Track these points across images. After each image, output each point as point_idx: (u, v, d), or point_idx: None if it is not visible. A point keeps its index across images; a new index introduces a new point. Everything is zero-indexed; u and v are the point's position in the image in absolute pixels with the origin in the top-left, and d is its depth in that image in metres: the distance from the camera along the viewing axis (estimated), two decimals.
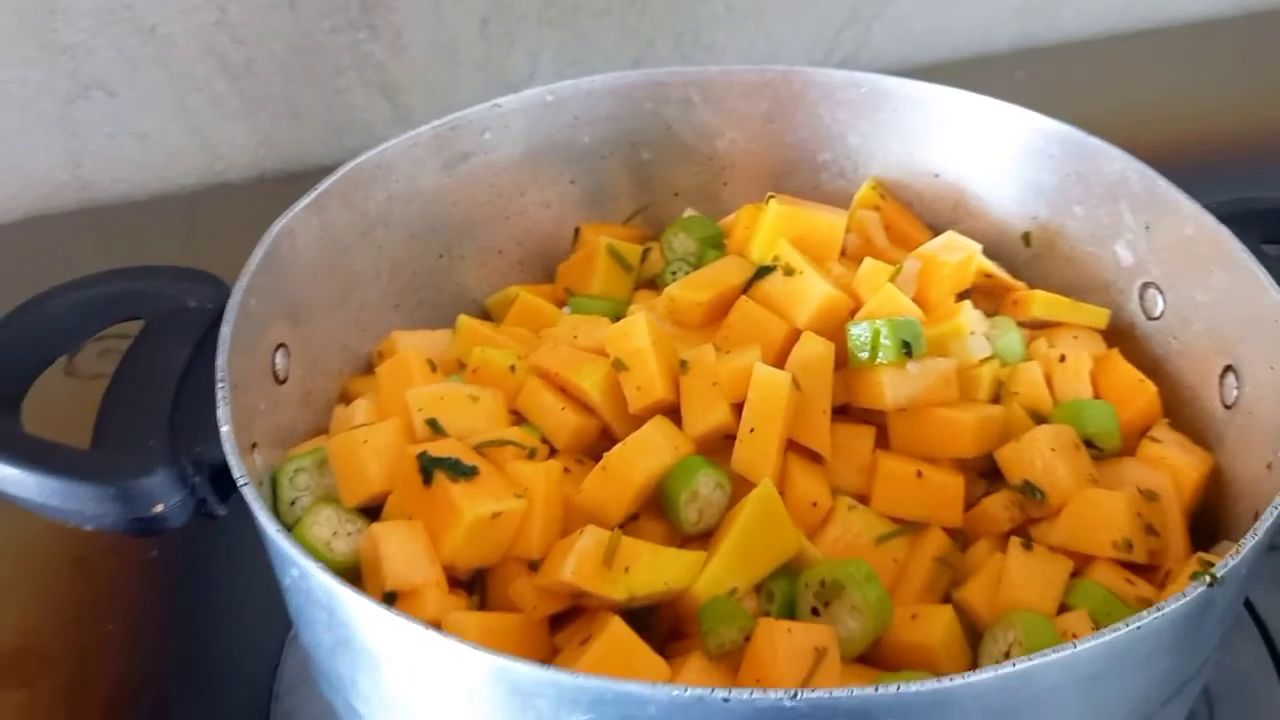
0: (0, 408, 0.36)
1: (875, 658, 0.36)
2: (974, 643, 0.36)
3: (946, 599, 0.38)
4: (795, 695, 0.26)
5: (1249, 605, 0.47)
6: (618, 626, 0.33)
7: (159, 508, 0.34)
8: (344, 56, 0.70)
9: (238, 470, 0.31)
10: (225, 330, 0.36)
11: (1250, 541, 0.30)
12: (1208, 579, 0.29)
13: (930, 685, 0.26)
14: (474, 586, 0.37)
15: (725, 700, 0.26)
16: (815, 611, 0.36)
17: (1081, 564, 0.37)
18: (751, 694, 0.26)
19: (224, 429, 0.32)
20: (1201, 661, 0.35)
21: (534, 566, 0.36)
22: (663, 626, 0.36)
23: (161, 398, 0.37)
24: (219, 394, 0.34)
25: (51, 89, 0.66)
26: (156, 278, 0.41)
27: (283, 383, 0.41)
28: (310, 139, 0.72)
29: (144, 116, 0.69)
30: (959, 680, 0.26)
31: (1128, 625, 0.27)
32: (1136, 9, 0.85)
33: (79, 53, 0.66)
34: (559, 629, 0.36)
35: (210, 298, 0.40)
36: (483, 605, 0.37)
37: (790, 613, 0.36)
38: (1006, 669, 0.26)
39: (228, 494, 0.36)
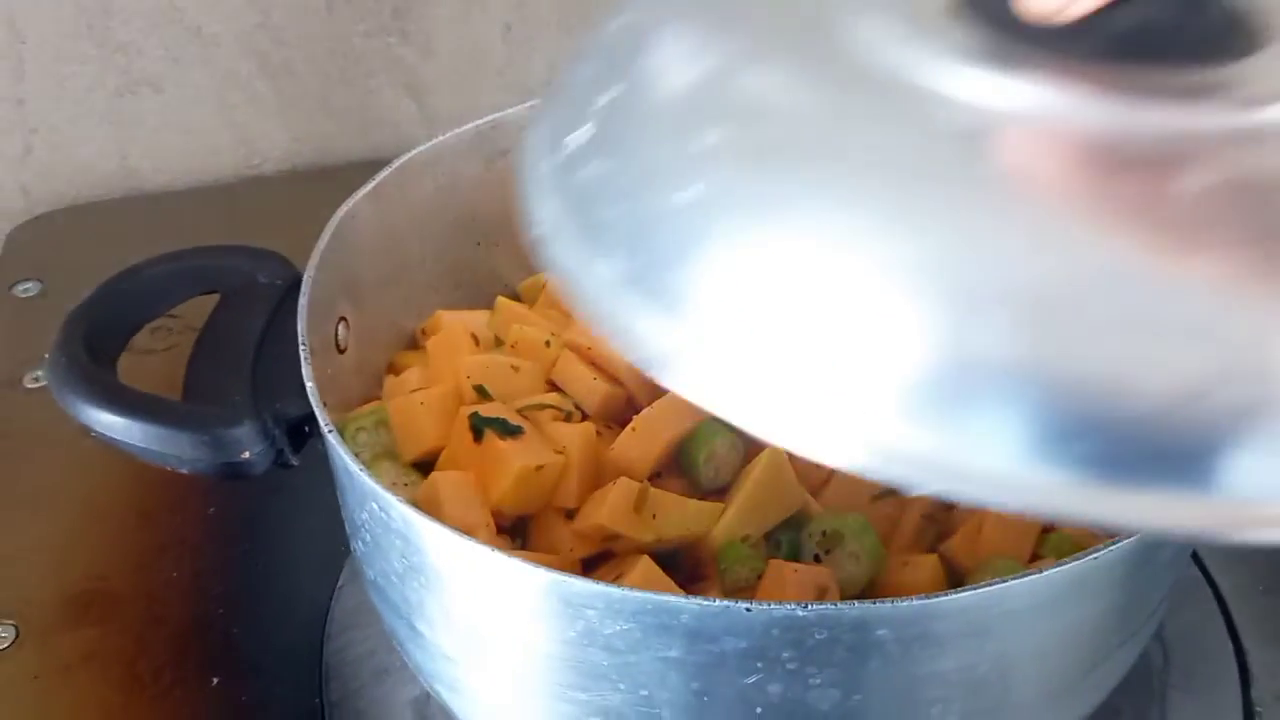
0: (103, 365, 0.41)
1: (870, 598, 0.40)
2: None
3: (933, 551, 0.43)
4: (806, 606, 0.31)
5: (1204, 571, 0.52)
6: (647, 563, 0.38)
7: (246, 455, 0.39)
8: (376, 59, 0.75)
9: (324, 420, 0.36)
10: (303, 300, 0.41)
11: None
12: None
13: (920, 600, 0.31)
14: (515, 534, 0.42)
15: (748, 610, 0.31)
16: (817, 558, 0.41)
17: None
18: (769, 605, 0.31)
19: (309, 385, 0.37)
20: (1153, 606, 0.40)
21: (570, 515, 0.41)
22: (684, 569, 0.41)
23: (242, 360, 0.42)
24: (302, 355, 0.38)
25: (104, 84, 0.71)
26: (231, 255, 0.46)
27: (343, 352, 0.45)
28: (342, 136, 0.77)
29: (188, 112, 0.74)
30: (944, 597, 0.31)
31: (1086, 555, 0.32)
32: None
33: (130, 51, 0.71)
34: (590, 572, 0.41)
35: (279, 274, 0.45)
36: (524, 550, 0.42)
37: (796, 559, 0.41)
38: (984, 588, 0.31)
39: (300, 446, 0.41)
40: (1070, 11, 0.29)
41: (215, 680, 0.47)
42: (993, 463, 0.25)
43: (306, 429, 0.41)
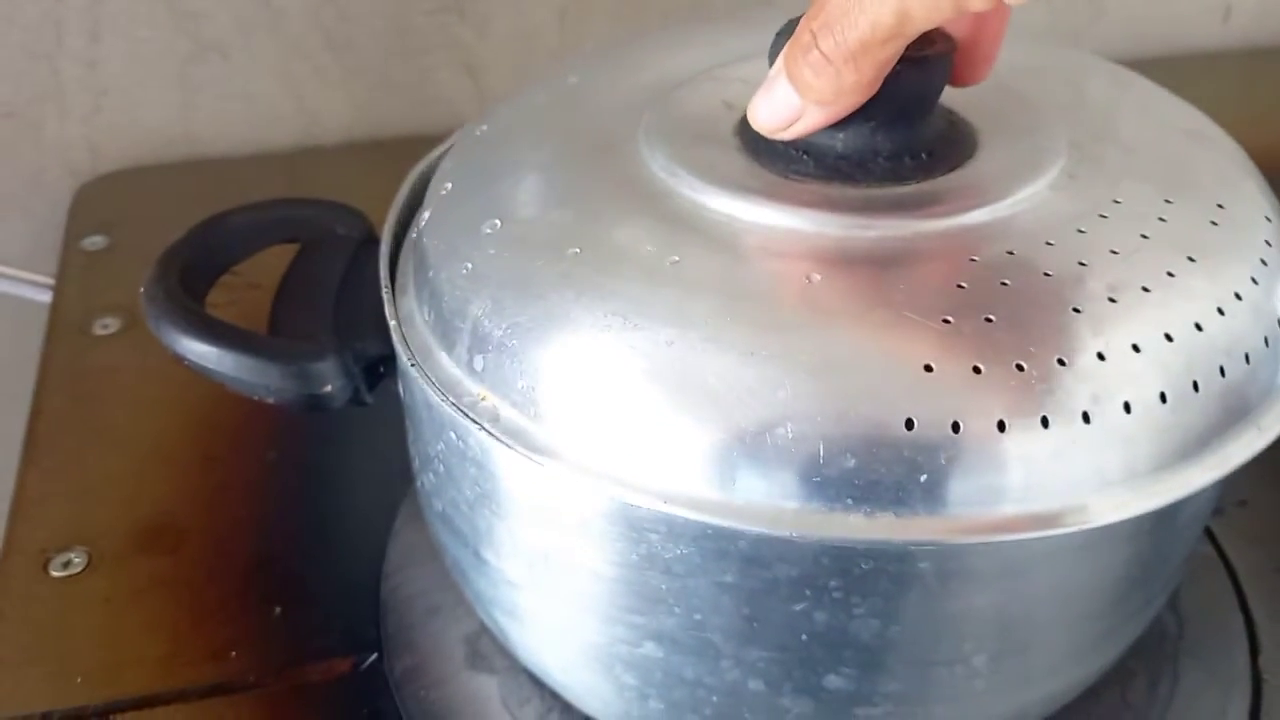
0: (195, 301, 0.44)
1: None
2: None
3: None
4: (855, 538, 0.33)
5: (1219, 550, 0.54)
6: None
7: (328, 388, 0.42)
8: (436, 37, 0.78)
9: (406, 355, 0.39)
10: (384, 248, 0.43)
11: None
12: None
13: (963, 539, 0.33)
14: None
15: (799, 537, 0.33)
16: None
17: None
18: (820, 534, 0.33)
19: (392, 323, 0.40)
20: (1172, 567, 0.42)
21: None
22: None
23: (323, 303, 0.44)
24: (385, 297, 0.41)
25: (174, 50, 0.74)
26: (312, 208, 0.48)
27: None
28: (398, 110, 0.80)
29: (252, 80, 0.76)
30: (984, 538, 0.33)
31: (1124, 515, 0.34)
32: (1152, 40, 0.93)
33: (202, 18, 0.73)
34: None
35: (356, 227, 0.48)
36: None
37: None
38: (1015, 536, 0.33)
39: (374, 385, 0.44)
40: (791, 132, 0.37)
41: (278, 610, 0.50)
42: (765, 505, 0.33)
43: (381, 369, 0.43)
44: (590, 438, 0.34)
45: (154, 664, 0.48)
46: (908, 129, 0.38)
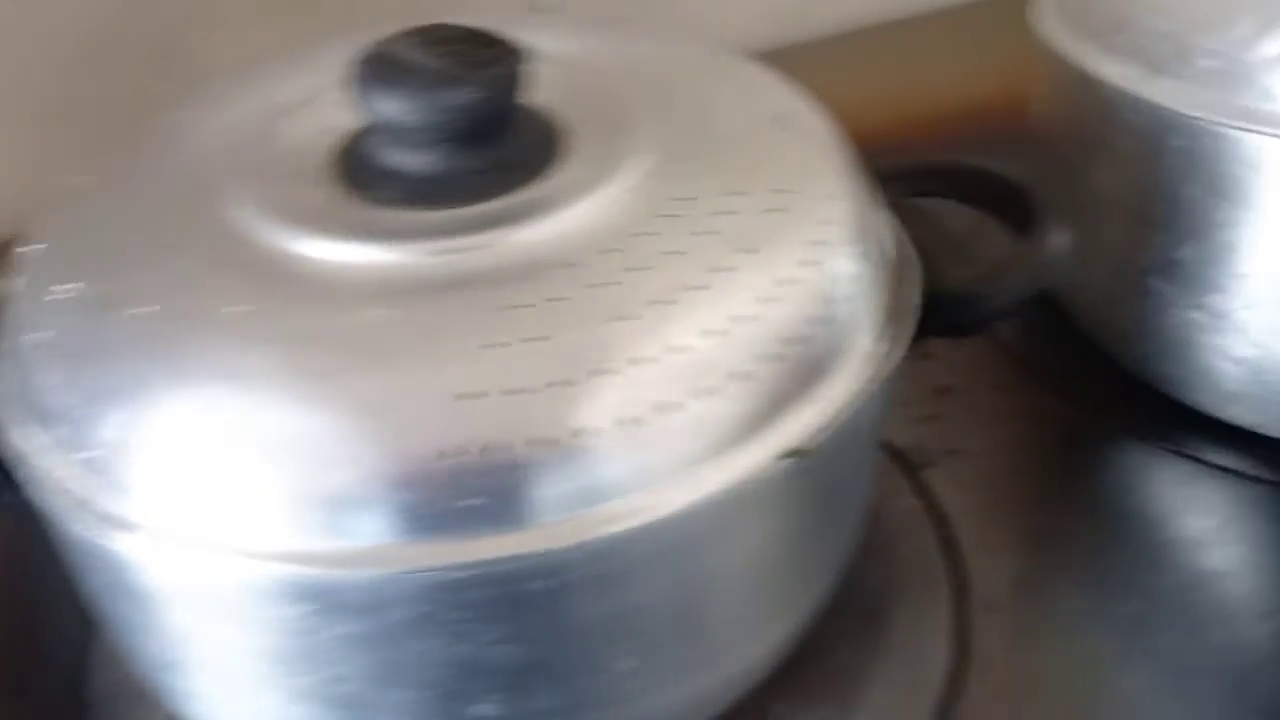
0: None
1: None
2: None
3: None
4: (461, 566, 0.33)
5: (930, 500, 0.55)
6: None
7: None
8: None
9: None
10: None
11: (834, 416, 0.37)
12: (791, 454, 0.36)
13: (550, 549, 0.33)
14: None
15: (407, 574, 0.33)
16: None
17: None
18: (418, 572, 0.33)
19: None
20: (843, 529, 0.43)
21: None
22: None
23: None
24: None
25: None
26: None
27: None
28: None
29: None
30: (570, 545, 0.34)
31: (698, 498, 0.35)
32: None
33: None
34: None
35: None
36: None
37: None
38: (595, 535, 0.34)
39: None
40: None
41: None
42: (359, 549, 0.33)
43: None
44: (171, 503, 0.34)
45: None
46: (487, 145, 0.38)
